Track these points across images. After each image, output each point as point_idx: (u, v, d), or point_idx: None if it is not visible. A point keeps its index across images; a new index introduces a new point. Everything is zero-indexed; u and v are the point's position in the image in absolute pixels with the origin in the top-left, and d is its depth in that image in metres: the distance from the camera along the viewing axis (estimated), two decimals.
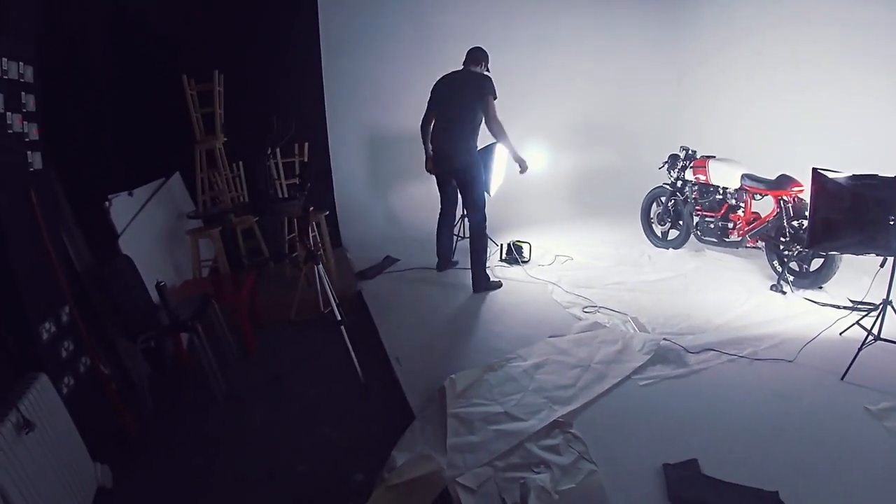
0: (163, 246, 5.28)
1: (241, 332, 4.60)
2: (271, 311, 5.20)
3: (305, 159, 6.38)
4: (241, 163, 6.21)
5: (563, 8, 8.30)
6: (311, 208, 4.88)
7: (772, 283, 5.17)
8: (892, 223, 3.53)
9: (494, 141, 5.68)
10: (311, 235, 4.67)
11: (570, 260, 6.23)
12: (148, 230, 4.97)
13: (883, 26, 5.65)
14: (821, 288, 5.05)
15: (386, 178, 7.83)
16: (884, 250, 3.65)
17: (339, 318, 4.11)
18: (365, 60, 7.38)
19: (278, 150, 5.72)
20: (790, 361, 3.86)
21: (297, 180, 6.12)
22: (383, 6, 7.34)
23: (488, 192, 6.07)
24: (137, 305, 3.98)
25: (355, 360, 4.03)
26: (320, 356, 4.53)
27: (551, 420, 3.16)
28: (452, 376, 3.59)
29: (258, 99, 6.18)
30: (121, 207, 4.49)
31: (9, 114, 3.06)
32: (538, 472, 2.75)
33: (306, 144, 6.45)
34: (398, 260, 6.36)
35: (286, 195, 6.18)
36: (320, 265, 4.25)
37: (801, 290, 5.06)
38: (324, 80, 7.04)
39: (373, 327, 4.80)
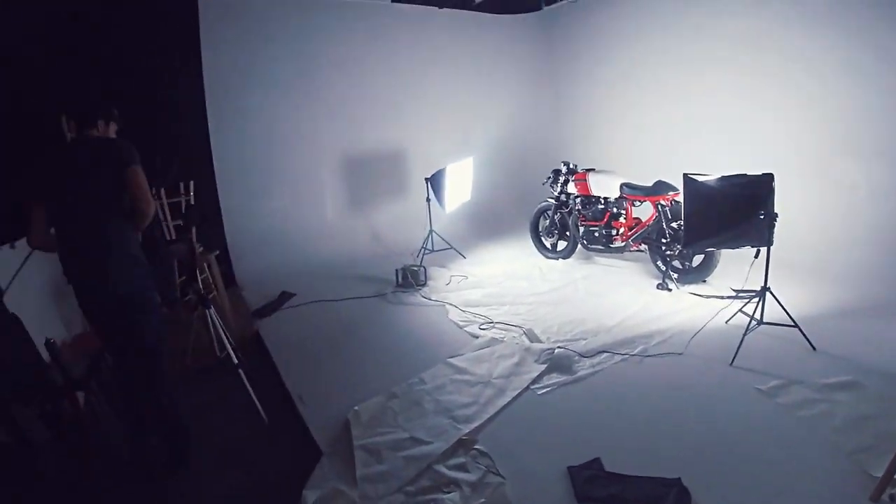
0: (51, 299, 5.02)
1: None
2: (169, 358, 5.00)
3: (192, 198, 6.21)
4: None
5: (440, 33, 8.45)
6: (201, 249, 4.75)
7: (657, 282, 5.39)
8: (761, 217, 3.80)
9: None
10: (200, 278, 4.53)
11: (465, 279, 6.28)
12: (34, 284, 4.72)
13: (744, 35, 6.05)
14: (704, 282, 5.32)
15: (279, 211, 7.70)
16: (757, 242, 3.93)
17: (236, 361, 4.02)
18: (248, 94, 7.24)
19: (163, 190, 5.54)
20: (680, 354, 4.03)
21: (181, 221, 5.94)
22: (264, 40, 7.25)
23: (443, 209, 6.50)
24: (28, 366, 3.76)
25: (257, 402, 3.95)
26: (223, 402, 4.39)
27: (456, 439, 3.19)
28: (356, 408, 3.57)
29: (141, 138, 5.95)
30: (4, 261, 4.26)
31: None
32: (448, 493, 2.76)
33: (192, 183, 6.27)
34: (294, 294, 6.23)
35: (174, 237, 6.00)
36: (211, 309, 4.15)
37: (685, 286, 5.30)
38: (208, 116, 6.90)
39: (273, 366, 4.69)
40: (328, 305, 5.86)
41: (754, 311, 4.07)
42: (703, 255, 5.30)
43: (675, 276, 5.39)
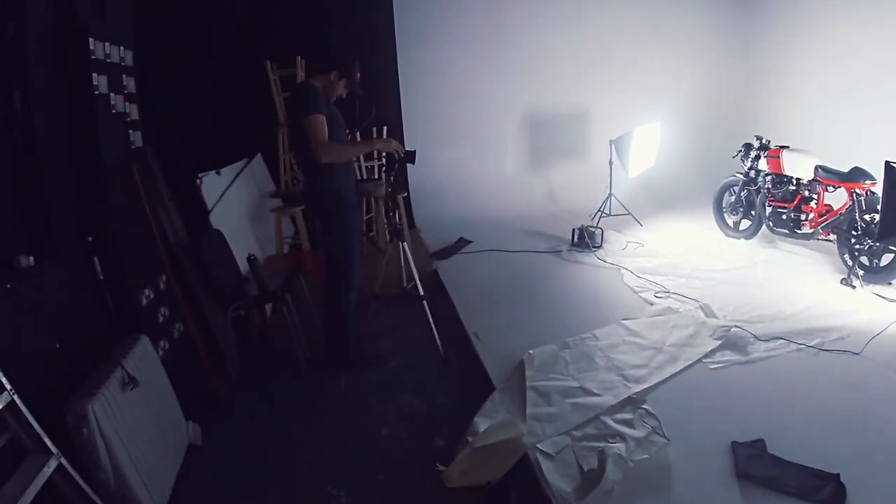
0: (247, 222, 5.59)
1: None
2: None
3: None
4: None
5: None
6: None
7: (842, 277, 5.18)
8: None
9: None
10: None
11: (641, 246, 6.34)
12: (234, 207, 5.28)
13: None
14: (890, 284, 5.03)
15: (460, 162, 8.03)
16: None
17: (422, 293, 4.35)
18: (437, 46, 7.58)
19: (357, 133, 5.95)
20: (857, 354, 3.91)
21: (383, 161, 6.35)
22: None
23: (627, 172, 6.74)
24: (229, 277, 4.28)
25: (436, 333, 4.27)
26: (402, 329, 4.78)
27: (625, 396, 3.35)
28: (531, 351, 3.80)
29: None
30: (210, 185, 4.80)
31: (112, 94, 3.35)
32: (613, 443, 2.92)
33: (385, 128, 6.68)
34: (471, 241, 6.56)
35: (365, 177, 6.45)
36: (405, 242, 4.49)
37: (870, 285, 5.05)
38: (398, 67, 7.28)
39: (450, 304, 5.02)
40: (504, 255, 6.16)
41: None
42: (893, 255, 5.03)
43: (861, 273, 5.17)
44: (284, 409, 3.85)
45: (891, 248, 4.91)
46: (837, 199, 5.57)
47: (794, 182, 5.94)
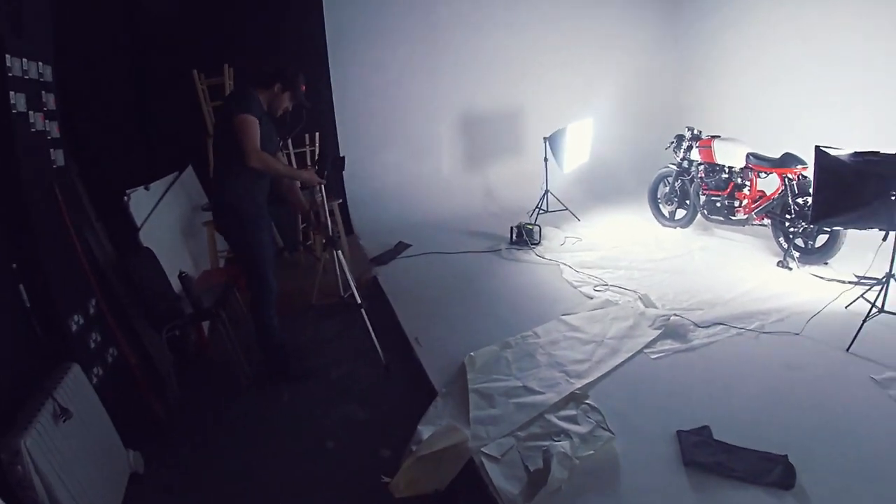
0: (180, 238, 5.38)
1: None
2: (289, 298, 5.27)
3: (317, 149, 6.49)
4: None
5: None
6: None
7: (778, 260, 5.26)
8: (892, 198, 3.60)
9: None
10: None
11: (579, 241, 6.34)
12: (165, 223, 5.07)
13: (889, 2, 5.62)
14: (826, 264, 5.13)
15: (396, 165, 7.92)
16: (885, 225, 3.73)
17: (359, 301, 4.24)
18: (369, 48, 7.46)
19: (290, 140, 5.82)
20: (797, 334, 3.96)
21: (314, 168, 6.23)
22: None
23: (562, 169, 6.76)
24: (161, 296, 4.08)
25: (376, 341, 4.16)
26: (341, 339, 4.67)
27: (568, 392, 3.29)
28: (471, 353, 3.73)
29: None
30: (138, 201, 4.60)
31: (31, 112, 3.12)
32: (558, 441, 2.86)
33: (317, 134, 6.55)
34: (410, 245, 6.46)
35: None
36: (339, 250, 4.38)
37: (806, 266, 5.14)
38: (330, 70, 7.15)
39: (390, 311, 4.90)
40: (443, 257, 6.08)
41: (875, 299, 3.91)
42: (827, 236, 5.12)
43: (797, 254, 5.25)
44: (227, 428, 3.69)
45: (825, 229, 4.98)
46: (770, 184, 5.68)
47: (727, 170, 6.03)
